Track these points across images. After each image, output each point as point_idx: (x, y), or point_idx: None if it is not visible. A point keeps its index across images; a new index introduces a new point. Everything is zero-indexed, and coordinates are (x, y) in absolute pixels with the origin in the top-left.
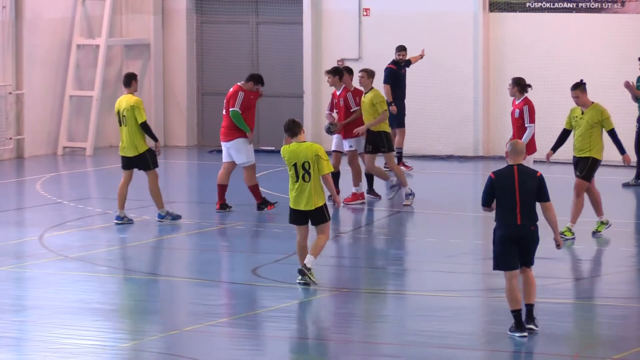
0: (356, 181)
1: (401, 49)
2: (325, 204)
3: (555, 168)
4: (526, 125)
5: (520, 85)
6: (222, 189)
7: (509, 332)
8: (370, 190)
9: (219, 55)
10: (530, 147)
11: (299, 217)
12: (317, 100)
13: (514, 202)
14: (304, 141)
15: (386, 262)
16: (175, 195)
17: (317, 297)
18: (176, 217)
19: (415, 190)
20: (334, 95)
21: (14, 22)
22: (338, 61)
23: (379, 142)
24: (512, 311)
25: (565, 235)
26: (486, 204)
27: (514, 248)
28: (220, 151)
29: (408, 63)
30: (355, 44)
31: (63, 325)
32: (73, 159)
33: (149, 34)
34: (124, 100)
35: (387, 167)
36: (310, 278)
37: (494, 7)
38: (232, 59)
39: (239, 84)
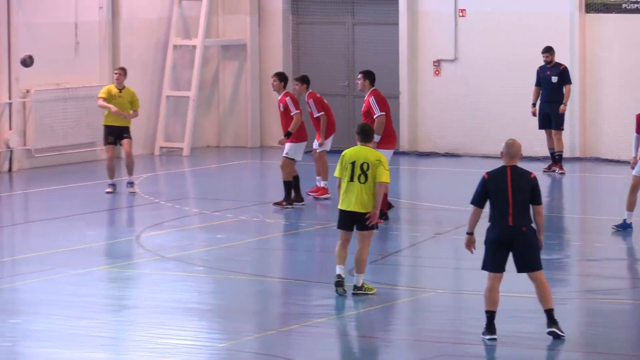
0: (325, 175)
1: (545, 50)
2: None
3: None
4: None
5: None
6: None
7: (481, 335)
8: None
9: (315, 56)
10: None
11: (347, 221)
12: (413, 101)
13: (507, 203)
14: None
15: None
16: (272, 195)
17: (413, 298)
18: None
19: None
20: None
21: (111, 23)
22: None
23: None
24: (486, 312)
25: None
26: (476, 203)
27: (503, 250)
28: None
29: (557, 67)
30: (451, 45)
31: (160, 325)
32: (170, 159)
33: (245, 35)
34: None
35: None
36: (367, 293)
37: (590, 8)
38: (328, 60)
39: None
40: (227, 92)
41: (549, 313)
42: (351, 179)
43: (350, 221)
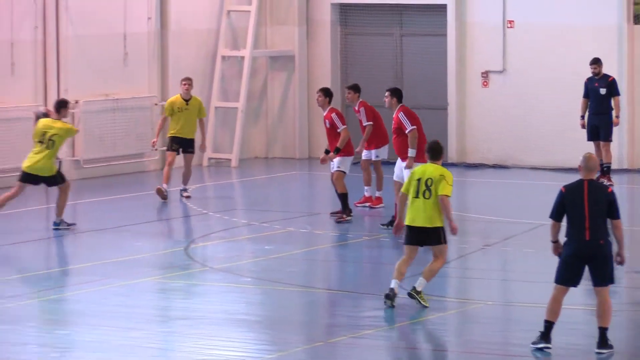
0: (380, 185)
1: (593, 61)
2: (443, 227)
3: None
4: None
5: None
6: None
7: (531, 344)
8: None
9: (362, 67)
10: None
11: (413, 236)
12: (461, 112)
13: (583, 218)
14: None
15: (529, 275)
16: (321, 206)
17: (462, 309)
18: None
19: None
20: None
21: (160, 34)
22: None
23: None
24: (545, 321)
25: None
26: (554, 217)
27: (578, 265)
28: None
29: (605, 79)
30: (499, 56)
31: (208, 336)
32: (218, 170)
33: (293, 46)
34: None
35: None
36: (420, 301)
37: (638, 19)
38: (376, 71)
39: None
40: (276, 103)
41: (602, 331)
42: (416, 195)
43: (416, 237)
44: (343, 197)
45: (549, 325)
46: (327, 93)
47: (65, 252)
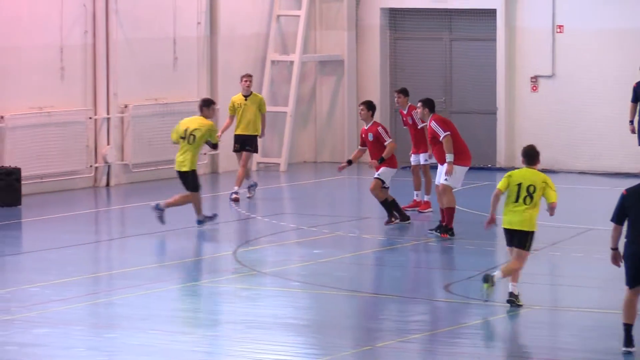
0: (428, 189)
1: None
2: (534, 234)
3: None
4: None
5: None
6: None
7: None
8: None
9: (412, 71)
10: None
11: (509, 238)
12: (510, 117)
13: None
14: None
15: (577, 279)
16: (368, 211)
17: (510, 314)
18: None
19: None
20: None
21: (209, 38)
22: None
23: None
24: (624, 324)
25: None
26: (616, 220)
27: (638, 266)
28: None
29: None
30: (548, 61)
31: (256, 340)
32: (267, 175)
33: (342, 50)
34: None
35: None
36: (516, 302)
37: None
38: (426, 75)
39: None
40: (324, 107)
41: None
42: (516, 200)
43: (510, 238)
44: (386, 205)
45: (627, 327)
46: (370, 106)
47: (112, 256)
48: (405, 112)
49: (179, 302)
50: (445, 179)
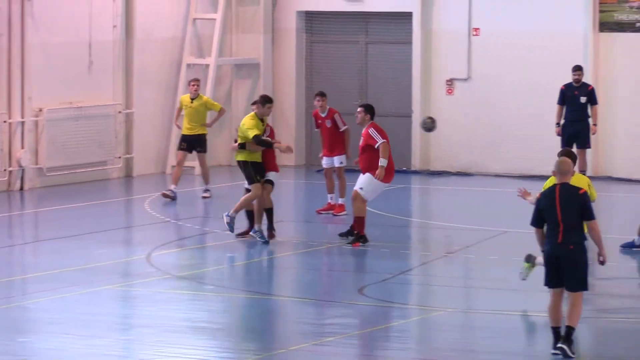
0: (343, 192)
1: (576, 68)
2: None
3: None
4: None
5: None
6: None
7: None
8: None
9: (328, 75)
10: None
11: None
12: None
13: (557, 221)
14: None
15: (491, 282)
16: (281, 214)
17: (424, 316)
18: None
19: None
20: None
21: (125, 42)
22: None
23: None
24: (551, 328)
25: None
26: (535, 223)
27: (554, 267)
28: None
29: (584, 88)
30: (464, 64)
31: (170, 344)
32: (182, 178)
33: (258, 53)
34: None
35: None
36: None
37: (604, 27)
38: (342, 78)
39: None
40: (240, 111)
41: (569, 330)
42: None
43: None
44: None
45: (553, 331)
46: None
47: (26, 260)
48: (324, 115)
49: (92, 306)
50: (361, 188)
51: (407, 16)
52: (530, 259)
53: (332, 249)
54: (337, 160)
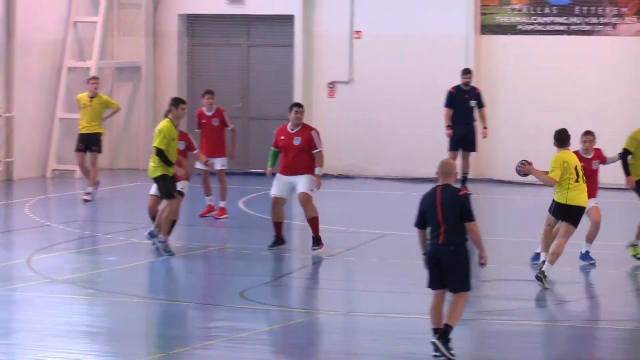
0: (224, 195)
1: (466, 71)
2: None
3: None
4: None
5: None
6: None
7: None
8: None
9: (210, 78)
10: None
11: (568, 214)
12: (307, 121)
13: (438, 222)
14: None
15: (372, 284)
16: None
17: (305, 319)
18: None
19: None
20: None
21: (6, 45)
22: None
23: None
24: (432, 329)
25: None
26: (418, 225)
27: (436, 268)
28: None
29: (473, 91)
30: (346, 67)
31: (50, 348)
32: (62, 182)
33: (140, 57)
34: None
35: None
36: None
37: (485, 29)
38: (224, 81)
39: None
40: (121, 114)
41: (447, 328)
42: (577, 180)
43: (567, 215)
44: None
45: (435, 332)
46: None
47: None
48: (210, 113)
49: None
50: (312, 190)
51: (289, 19)
52: (541, 279)
53: (213, 252)
54: (219, 163)
